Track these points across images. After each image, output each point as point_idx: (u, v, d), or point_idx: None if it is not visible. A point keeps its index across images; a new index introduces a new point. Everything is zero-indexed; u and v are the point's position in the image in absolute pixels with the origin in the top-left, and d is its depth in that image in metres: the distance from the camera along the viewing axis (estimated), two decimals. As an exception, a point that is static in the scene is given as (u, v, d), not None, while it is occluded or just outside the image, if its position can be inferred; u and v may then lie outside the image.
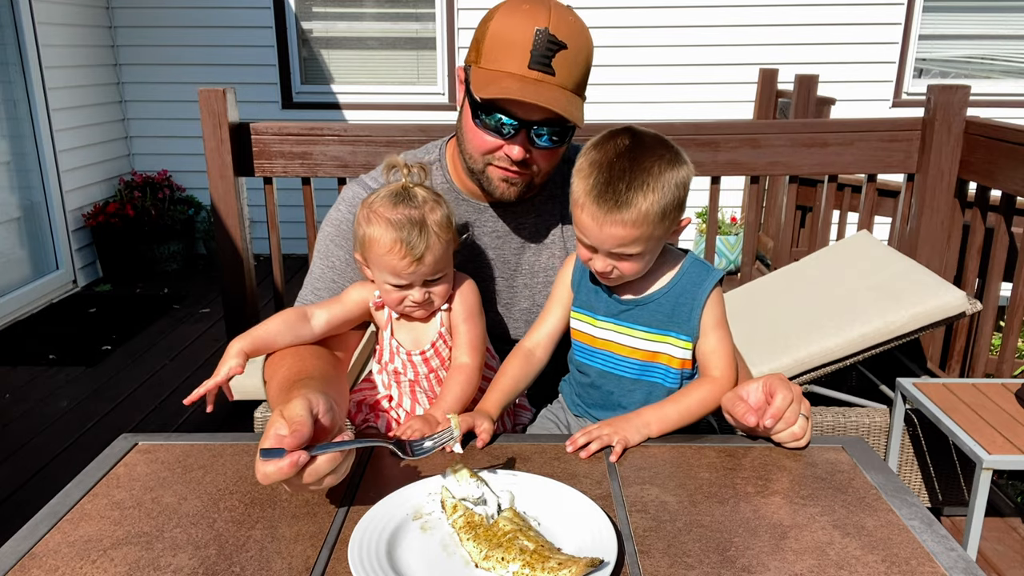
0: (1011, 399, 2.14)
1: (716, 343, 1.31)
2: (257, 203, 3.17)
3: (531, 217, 1.51)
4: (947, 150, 2.79)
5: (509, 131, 1.30)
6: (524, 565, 0.89)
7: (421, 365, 1.38)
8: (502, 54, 1.27)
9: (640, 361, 1.32)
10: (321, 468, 0.96)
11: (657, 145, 1.21)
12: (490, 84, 1.27)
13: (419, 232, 1.25)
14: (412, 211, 1.26)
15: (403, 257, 1.25)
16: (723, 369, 1.30)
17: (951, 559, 0.93)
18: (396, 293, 1.31)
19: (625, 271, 1.24)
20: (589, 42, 1.32)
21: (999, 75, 5.77)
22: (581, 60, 1.29)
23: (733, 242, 5.14)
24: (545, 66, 1.26)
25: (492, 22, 1.29)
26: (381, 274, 1.30)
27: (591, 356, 1.36)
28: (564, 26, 1.26)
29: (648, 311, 1.31)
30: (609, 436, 1.19)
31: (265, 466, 0.94)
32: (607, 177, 1.17)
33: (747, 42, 5.57)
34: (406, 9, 5.82)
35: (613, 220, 1.17)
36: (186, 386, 3.70)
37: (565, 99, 1.27)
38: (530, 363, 1.37)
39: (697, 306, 1.29)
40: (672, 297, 1.30)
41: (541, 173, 1.38)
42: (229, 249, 2.88)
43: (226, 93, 2.71)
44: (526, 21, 1.25)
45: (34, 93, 4.84)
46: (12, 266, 4.79)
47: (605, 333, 1.34)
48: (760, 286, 2.81)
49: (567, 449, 1.19)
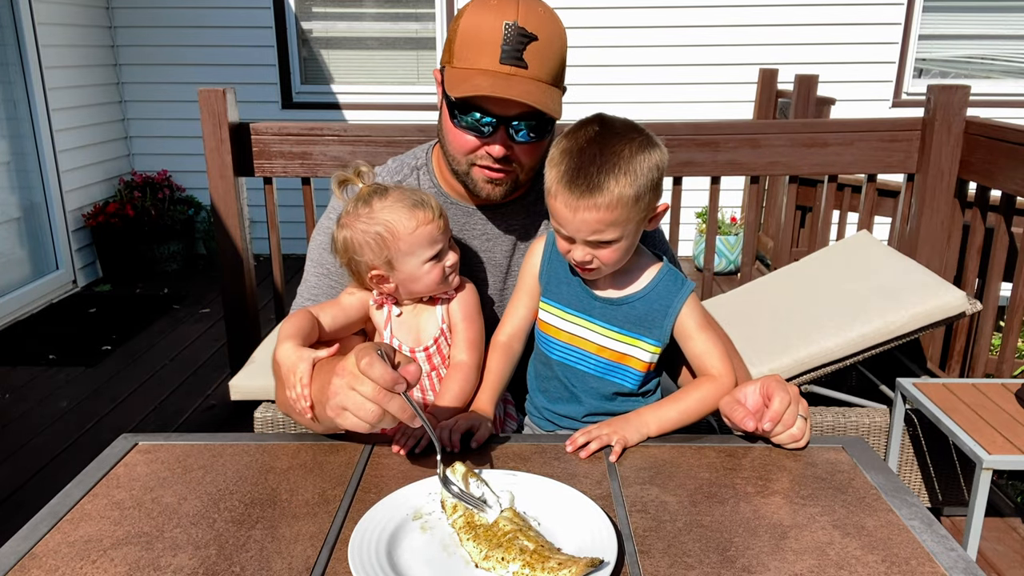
0: (1011, 399, 2.14)
1: (705, 344, 1.32)
2: (257, 203, 3.16)
3: (521, 218, 1.51)
4: (947, 150, 2.79)
5: (487, 129, 1.30)
6: (524, 565, 0.89)
7: (423, 362, 1.39)
8: (473, 52, 1.27)
9: (606, 360, 1.33)
10: (393, 406, 0.99)
11: (628, 130, 1.21)
12: (462, 82, 1.26)
13: (420, 196, 1.31)
14: (396, 191, 1.31)
15: (430, 220, 1.29)
16: (719, 368, 1.31)
17: (951, 559, 0.93)
18: (435, 266, 1.32)
19: (605, 260, 1.23)
20: (561, 31, 1.31)
21: (999, 75, 5.77)
22: (554, 50, 1.28)
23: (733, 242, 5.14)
24: (517, 59, 1.25)
25: (462, 20, 1.29)
26: (415, 258, 1.30)
27: (554, 348, 1.36)
28: (533, 18, 1.25)
29: (622, 312, 1.31)
30: (608, 436, 1.20)
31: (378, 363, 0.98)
32: (578, 163, 1.17)
33: (747, 42, 5.57)
34: (406, 9, 5.82)
35: (587, 205, 1.17)
36: (186, 386, 3.70)
37: (540, 91, 1.26)
38: (509, 356, 1.39)
39: (672, 314, 1.29)
40: (647, 302, 1.30)
41: (525, 169, 1.38)
42: (229, 249, 2.88)
43: (226, 93, 2.71)
44: (495, 16, 1.25)
45: (34, 93, 4.84)
46: (12, 266, 4.79)
47: (574, 328, 1.34)
48: (760, 286, 2.81)
49: (567, 449, 1.20)
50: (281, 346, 1.20)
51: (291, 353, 1.18)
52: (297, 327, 1.25)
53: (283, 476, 1.13)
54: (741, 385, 1.26)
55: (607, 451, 1.19)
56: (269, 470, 1.15)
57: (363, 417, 1.00)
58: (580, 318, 1.33)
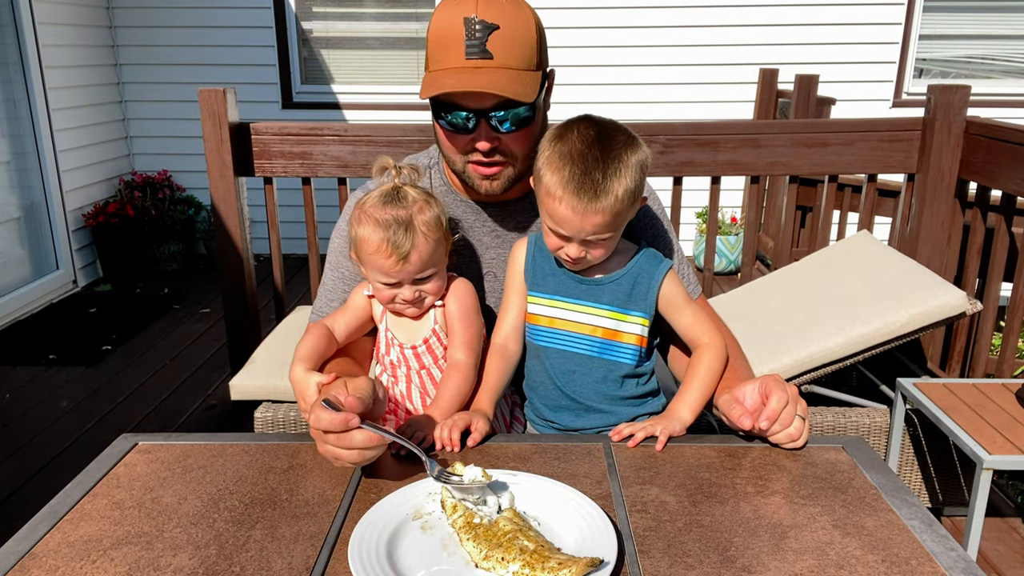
0: (1011, 399, 2.14)
1: (692, 315, 1.38)
2: (257, 203, 3.17)
3: (530, 215, 1.51)
4: (947, 150, 2.79)
5: (470, 124, 1.30)
6: (524, 565, 0.89)
7: (413, 360, 1.39)
8: (441, 53, 1.28)
9: (601, 339, 1.36)
10: (357, 440, 1.04)
11: (616, 131, 1.25)
12: (431, 84, 1.28)
13: (405, 231, 1.28)
14: (400, 211, 1.29)
15: (389, 256, 1.28)
16: (711, 334, 1.37)
17: (951, 559, 0.93)
18: (387, 291, 1.34)
19: (596, 255, 1.29)
20: (526, 14, 1.30)
21: (999, 75, 5.77)
22: (520, 35, 1.28)
23: (733, 242, 5.14)
24: (482, 51, 1.25)
25: (430, 25, 1.31)
26: (372, 273, 1.34)
27: (551, 337, 1.38)
28: (494, 7, 1.26)
29: (608, 290, 1.35)
30: (652, 427, 1.24)
31: (322, 413, 1.04)
32: (583, 168, 1.20)
33: (747, 42, 5.56)
34: (406, 9, 5.82)
35: (594, 209, 1.21)
36: (186, 386, 3.70)
37: (507, 78, 1.26)
38: (507, 357, 1.40)
39: (654, 285, 1.34)
40: (631, 277, 1.35)
41: (518, 159, 1.37)
42: (229, 249, 2.88)
43: (226, 93, 2.71)
44: (455, 14, 1.26)
45: (34, 93, 4.84)
46: (12, 266, 4.79)
47: (567, 313, 1.36)
48: (760, 286, 2.81)
49: (613, 439, 1.24)
50: (294, 368, 1.27)
51: (300, 377, 1.25)
52: (311, 348, 1.31)
53: (283, 476, 1.13)
54: (740, 384, 1.26)
55: (609, 451, 1.19)
56: (269, 470, 1.15)
57: (348, 461, 1.06)
58: (568, 302, 1.36)
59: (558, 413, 1.39)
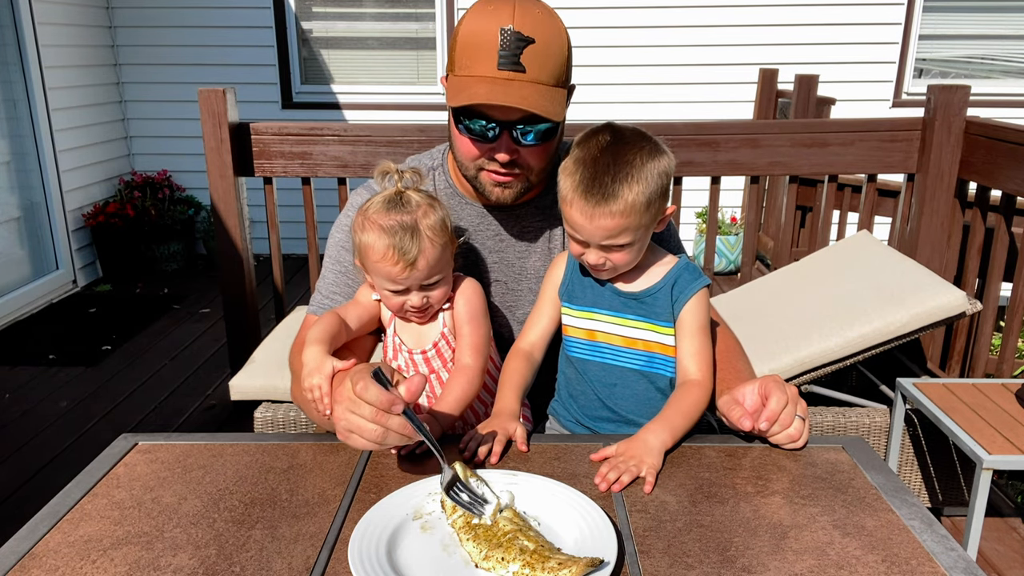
0: (1011, 399, 2.14)
1: (700, 347, 1.33)
2: (257, 203, 3.16)
3: (535, 219, 1.51)
4: (947, 150, 2.79)
5: (492, 135, 1.30)
6: (524, 565, 0.89)
7: (422, 364, 1.38)
8: (472, 59, 1.27)
9: (641, 351, 1.35)
10: (393, 423, 1.02)
11: (637, 138, 1.25)
12: (461, 92, 1.27)
13: (411, 237, 1.26)
14: (405, 216, 1.27)
15: (396, 263, 1.26)
16: (705, 372, 1.33)
17: (951, 559, 0.93)
18: (395, 299, 1.33)
19: (617, 262, 1.28)
20: (560, 30, 1.30)
21: (999, 75, 5.77)
22: (553, 51, 1.28)
23: (733, 242, 5.14)
24: (515, 64, 1.25)
25: (460, 28, 1.30)
26: (379, 280, 1.32)
27: (590, 350, 1.37)
28: (529, 20, 1.25)
29: (646, 305, 1.34)
30: (637, 467, 1.12)
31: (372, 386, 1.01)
32: (592, 172, 1.22)
33: (747, 42, 5.57)
34: (406, 9, 5.82)
35: (602, 212, 1.21)
36: (186, 386, 3.70)
37: (539, 95, 1.26)
38: (531, 364, 1.39)
39: (682, 300, 1.33)
40: (668, 289, 1.34)
41: (534, 172, 1.38)
42: (229, 249, 2.88)
43: (226, 93, 2.71)
44: (491, 22, 1.25)
45: (34, 93, 4.84)
46: (12, 266, 4.79)
47: (605, 326, 1.36)
48: (760, 286, 2.81)
49: (600, 488, 1.10)
50: (309, 348, 1.21)
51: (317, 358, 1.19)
52: (327, 331, 1.25)
53: (283, 476, 1.13)
54: (740, 385, 1.26)
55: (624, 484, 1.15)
56: (269, 470, 1.15)
57: (367, 438, 1.03)
58: (606, 314, 1.35)
59: (599, 423, 1.40)
